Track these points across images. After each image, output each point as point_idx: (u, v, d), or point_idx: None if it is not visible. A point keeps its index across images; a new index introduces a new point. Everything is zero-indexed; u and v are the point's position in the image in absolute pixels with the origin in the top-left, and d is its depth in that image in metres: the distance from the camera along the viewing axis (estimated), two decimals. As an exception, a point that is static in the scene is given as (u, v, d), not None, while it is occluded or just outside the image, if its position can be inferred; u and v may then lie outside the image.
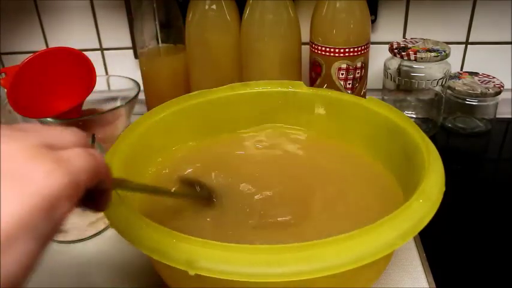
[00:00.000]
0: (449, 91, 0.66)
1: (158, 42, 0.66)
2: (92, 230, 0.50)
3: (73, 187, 0.21)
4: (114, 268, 0.45)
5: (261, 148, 0.52)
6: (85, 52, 0.59)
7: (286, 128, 0.53)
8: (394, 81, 0.64)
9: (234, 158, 0.50)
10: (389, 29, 0.73)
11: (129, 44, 0.78)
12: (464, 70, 0.74)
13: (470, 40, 0.73)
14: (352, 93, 0.61)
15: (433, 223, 0.32)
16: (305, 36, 0.63)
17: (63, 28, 0.78)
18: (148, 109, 0.68)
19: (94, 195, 0.25)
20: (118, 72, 0.75)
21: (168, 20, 0.65)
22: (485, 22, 0.72)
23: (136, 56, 0.78)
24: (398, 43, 0.65)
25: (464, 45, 0.74)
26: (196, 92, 0.51)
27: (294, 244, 0.28)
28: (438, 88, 0.64)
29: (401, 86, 0.66)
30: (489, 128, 0.67)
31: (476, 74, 0.69)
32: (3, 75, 0.56)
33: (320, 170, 0.47)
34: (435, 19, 0.72)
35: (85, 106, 0.61)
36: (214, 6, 0.61)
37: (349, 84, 0.61)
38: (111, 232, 0.50)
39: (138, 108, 0.67)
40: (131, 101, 0.63)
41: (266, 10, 0.58)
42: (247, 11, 0.60)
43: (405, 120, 0.44)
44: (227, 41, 0.63)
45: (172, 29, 0.66)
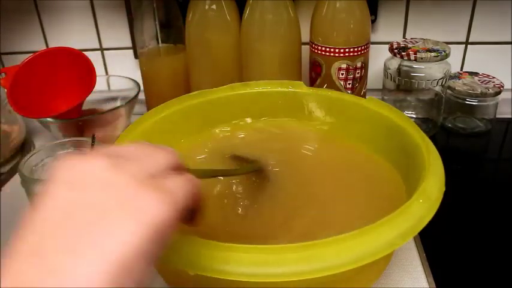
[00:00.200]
0: (449, 91, 0.66)
1: (158, 42, 0.66)
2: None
3: (177, 214, 0.23)
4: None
5: (262, 149, 0.52)
6: (85, 52, 0.59)
7: (286, 129, 0.53)
8: (394, 81, 0.64)
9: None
10: (389, 29, 0.73)
11: (129, 44, 0.78)
12: (464, 70, 0.74)
13: (470, 40, 0.73)
14: (352, 93, 0.61)
15: (433, 223, 0.32)
16: (305, 36, 0.63)
17: (63, 28, 0.78)
18: (148, 109, 0.68)
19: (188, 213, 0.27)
20: (118, 72, 0.75)
21: (168, 20, 0.65)
22: (485, 22, 0.72)
23: (136, 56, 0.78)
24: (398, 43, 0.65)
25: (464, 45, 0.74)
26: (196, 92, 0.51)
27: (294, 244, 0.28)
28: (438, 88, 0.64)
29: (401, 86, 0.66)
30: (489, 128, 0.67)
31: (476, 74, 0.69)
32: (3, 75, 0.56)
33: (320, 170, 0.47)
34: (435, 19, 0.72)
35: (85, 106, 0.61)
36: (214, 6, 0.61)
37: (349, 84, 0.61)
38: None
39: (138, 108, 0.67)
40: (131, 101, 0.63)
41: (266, 10, 0.58)
42: (247, 11, 0.60)
43: (405, 120, 0.44)
44: (227, 41, 0.63)
45: (172, 29, 0.66)
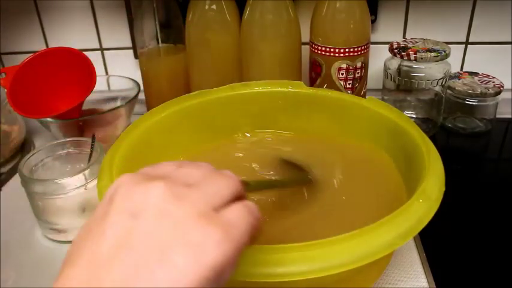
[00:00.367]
0: (449, 91, 0.66)
1: (158, 42, 0.66)
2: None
3: (238, 252, 0.22)
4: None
5: (262, 149, 0.52)
6: (85, 52, 0.59)
7: (285, 129, 0.53)
8: (394, 81, 0.64)
9: (236, 159, 0.50)
10: (389, 29, 0.73)
11: (129, 44, 0.78)
12: (464, 70, 0.74)
13: (470, 40, 0.73)
14: (352, 93, 0.61)
15: (433, 223, 0.32)
16: (305, 36, 0.63)
17: (63, 28, 0.78)
18: (148, 109, 0.68)
19: None
20: (118, 72, 0.75)
21: (168, 20, 0.65)
22: (485, 22, 0.72)
23: (136, 56, 0.78)
24: (398, 43, 0.65)
25: (464, 45, 0.74)
26: (196, 92, 0.51)
27: (294, 244, 0.28)
28: (438, 88, 0.64)
29: (401, 86, 0.66)
30: (489, 128, 0.67)
31: (476, 74, 0.69)
32: (3, 75, 0.56)
33: (320, 170, 0.47)
34: (435, 19, 0.72)
35: (85, 106, 0.61)
36: (214, 6, 0.61)
37: (349, 84, 0.61)
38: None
39: (138, 108, 0.67)
40: (131, 101, 0.63)
41: (266, 10, 0.58)
42: (247, 11, 0.60)
43: (405, 120, 0.44)
44: (227, 41, 0.63)
45: (172, 29, 0.66)
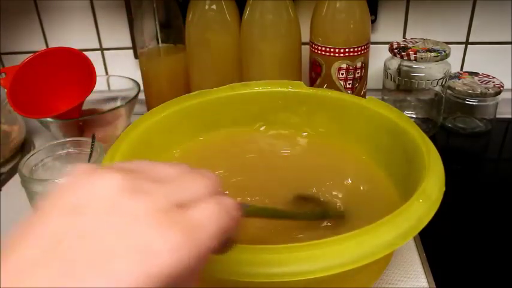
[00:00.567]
0: (449, 91, 0.66)
1: (158, 42, 0.66)
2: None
3: (201, 259, 0.18)
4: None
5: (262, 148, 0.52)
6: (85, 52, 0.59)
7: (286, 128, 0.53)
8: (394, 81, 0.64)
9: (236, 159, 0.50)
10: (389, 29, 0.73)
11: (129, 44, 0.78)
12: (464, 70, 0.74)
13: (470, 40, 0.73)
14: (352, 93, 0.61)
15: (433, 223, 0.32)
16: (305, 36, 0.63)
17: (63, 28, 0.78)
18: (148, 109, 0.68)
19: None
20: (118, 72, 0.75)
21: (168, 20, 0.65)
22: (485, 22, 0.72)
23: (136, 56, 0.78)
24: (398, 43, 0.65)
25: (464, 45, 0.74)
26: (196, 92, 0.51)
27: (294, 244, 0.28)
28: (438, 88, 0.64)
29: (401, 86, 0.66)
30: (489, 128, 0.67)
31: (476, 74, 0.69)
32: (3, 75, 0.56)
33: (320, 170, 0.47)
34: (435, 19, 0.72)
35: (85, 106, 0.61)
36: (214, 6, 0.61)
37: (349, 84, 0.61)
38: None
39: (138, 108, 0.67)
40: (131, 101, 0.63)
41: (266, 10, 0.58)
42: (247, 11, 0.60)
43: (405, 120, 0.44)
44: (227, 41, 0.63)
45: (172, 29, 0.66)
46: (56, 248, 0.17)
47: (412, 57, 0.61)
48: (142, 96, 0.68)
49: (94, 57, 0.72)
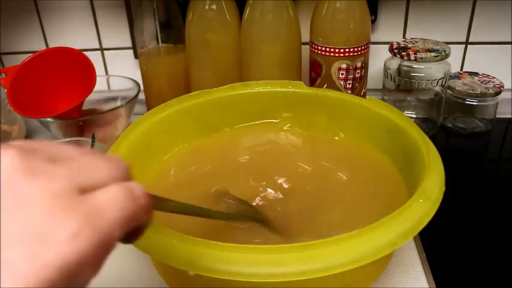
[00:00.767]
0: (449, 91, 0.66)
1: (158, 42, 0.66)
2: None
3: (103, 248, 0.17)
4: (113, 268, 0.45)
5: (262, 149, 0.52)
6: (85, 52, 0.60)
7: (286, 128, 0.53)
8: (394, 81, 0.64)
9: (236, 159, 0.50)
10: (389, 29, 0.73)
11: (129, 44, 0.78)
12: (464, 70, 0.74)
13: (470, 40, 0.73)
14: (352, 93, 0.61)
15: (433, 223, 0.32)
16: (305, 36, 0.63)
17: (63, 28, 0.78)
18: (148, 109, 0.68)
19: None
20: (118, 72, 0.75)
21: (168, 20, 0.65)
22: (485, 22, 0.71)
23: (136, 56, 0.78)
24: (398, 43, 0.65)
25: (464, 45, 0.74)
26: (196, 92, 0.51)
27: (294, 244, 0.28)
28: (438, 88, 0.64)
29: (401, 86, 0.66)
30: (489, 128, 0.67)
31: (476, 74, 0.69)
32: (3, 75, 0.56)
33: (319, 170, 0.47)
34: (435, 19, 0.72)
35: (85, 106, 0.61)
36: (214, 6, 0.61)
37: (349, 84, 0.61)
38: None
39: (138, 108, 0.67)
40: (131, 101, 0.63)
41: (266, 10, 0.58)
42: (247, 11, 0.60)
43: (405, 120, 0.44)
44: (227, 41, 0.63)
45: (172, 29, 0.66)
46: None
47: (412, 57, 0.61)
48: (142, 96, 0.68)
49: (94, 57, 0.72)
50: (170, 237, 0.30)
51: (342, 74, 0.60)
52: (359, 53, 0.59)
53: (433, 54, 0.60)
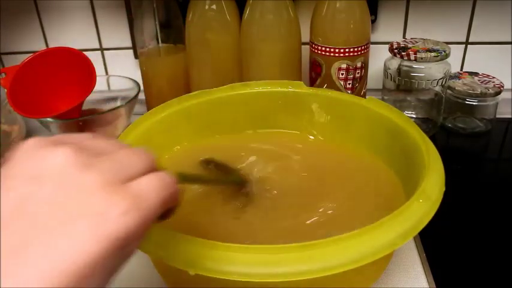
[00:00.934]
0: (449, 91, 0.66)
1: (158, 42, 0.66)
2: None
3: (146, 224, 0.21)
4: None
5: (262, 149, 0.52)
6: (85, 52, 0.60)
7: (286, 129, 0.53)
8: (394, 81, 0.64)
9: (236, 159, 0.50)
10: (389, 29, 0.73)
11: (129, 44, 0.78)
12: (464, 70, 0.74)
13: (470, 40, 0.73)
14: (352, 93, 0.61)
15: (433, 223, 0.32)
16: (305, 36, 0.63)
17: (63, 28, 0.78)
18: (148, 109, 0.68)
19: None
20: (118, 72, 0.75)
21: (168, 20, 0.65)
22: (485, 22, 0.72)
23: (136, 56, 0.78)
24: (398, 43, 0.65)
25: (464, 45, 0.74)
26: (196, 92, 0.51)
27: (294, 244, 0.28)
28: (438, 88, 0.64)
29: (401, 86, 0.66)
30: (489, 128, 0.67)
31: (476, 74, 0.69)
32: (3, 75, 0.56)
33: (319, 170, 0.47)
34: (435, 19, 0.72)
35: (85, 106, 0.61)
36: (214, 6, 0.61)
37: (349, 84, 0.61)
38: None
39: (138, 108, 0.67)
40: (131, 101, 0.63)
41: (266, 10, 0.58)
42: (247, 11, 0.60)
43: (405, 120, 0.44)
44: (227, 41, 0.63)
45: (172, 29, 0.66)
46: (20, 213, 0.19)
47: (412, 57, 0.61)
48: (142, 96, 0.68)
49: (94, 57, 0.72)
50: (170, 237, 0.30)
51: (342, 74, 0.60)
52: (359, 53, 0.59)
53: (433, 54, 0.60)
